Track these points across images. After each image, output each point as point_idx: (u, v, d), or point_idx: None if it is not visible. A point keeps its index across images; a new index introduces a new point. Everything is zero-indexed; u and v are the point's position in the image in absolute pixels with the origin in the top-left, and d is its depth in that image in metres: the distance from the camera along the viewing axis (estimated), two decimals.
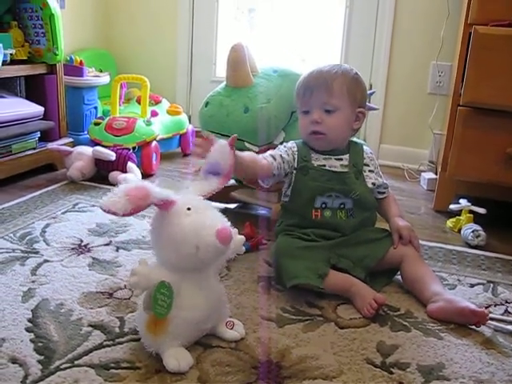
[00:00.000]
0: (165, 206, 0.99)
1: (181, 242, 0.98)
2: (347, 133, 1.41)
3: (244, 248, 1.13)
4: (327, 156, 1.40)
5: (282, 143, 1.62)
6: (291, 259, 1.29)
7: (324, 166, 1.39)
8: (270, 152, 1.40)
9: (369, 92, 2.01)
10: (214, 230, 0.97)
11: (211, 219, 1.00)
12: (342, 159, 1.40)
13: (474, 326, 1.20)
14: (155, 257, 1.05)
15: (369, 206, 1.42)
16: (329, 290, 1.28)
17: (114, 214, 0.93)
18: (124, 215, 0.94)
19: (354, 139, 1.49)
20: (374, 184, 1.42)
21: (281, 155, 1.38)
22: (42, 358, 1.02)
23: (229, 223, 1.03)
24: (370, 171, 1.43)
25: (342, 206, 1.38)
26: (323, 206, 1.37)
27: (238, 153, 1.23)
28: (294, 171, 1.39)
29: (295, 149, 1.40)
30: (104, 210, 0.93)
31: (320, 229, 1.37)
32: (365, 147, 1.47)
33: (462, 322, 1.20)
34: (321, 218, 1.37)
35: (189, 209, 1.00)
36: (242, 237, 1.12)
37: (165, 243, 1.01)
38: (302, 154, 1.40)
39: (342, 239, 1.37)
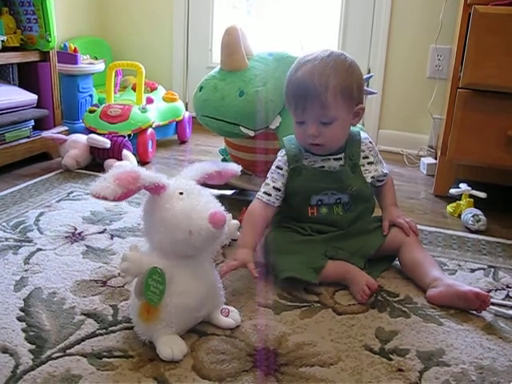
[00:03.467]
0: (156, 189, 0.97)
1: (173, 226, 0.96)
2: (346, 134, 1.34)
3: (238, 233, 1.11)
4: (325, 157, 1.34)
5: (277, 128, 1.60)
6: (284, 254, 1.27)
7: (323, 167, 1.33)
8: (263, 188, 1.35)
9: (367, 76, 1.98)
10: (207, 214, 0.95)
11: (204, 203, 0.98)
12: (340, 158, 1.34)
13: (474, 312, 1.18)
14: (147, 243, 1.03)
15: (366, 198, 1.38)
16: (326, 280, 1.26)
17: (105, 198, 0.91)
18: (115, 200, 0.92)
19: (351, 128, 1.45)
20: (373, 177, 1.38)
21: (274, 187, 1.34)
22: (34, 347, 1.00)
23: (222, 207, 1.00)
24: (369, 163, 1.38)
25: (339, 201, 1.34)
26: (319, 203, 1.34)
27: (250, 240, 1.26)
28: (288, 171, 1.34)
29: (285, 160, 1.34)
30: (94, 196, 0.91)
31: (317, 224, 1.34)
32: (362, 135, 1.39)
33: (463, 307, 1.18)
34: (317, 215, 1.34)
35: (181, 193, 0.98)
36: (237, 222, 1.10)
37: (157, 228, 0.98)
38: (291, 156, 1.34)
39: (339, 233, 1.34)
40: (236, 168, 1.21)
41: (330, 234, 1.33)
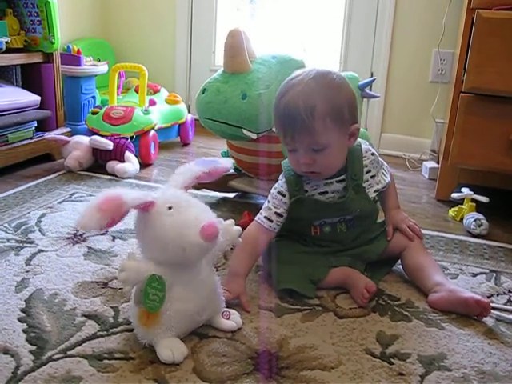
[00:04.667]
0: (144, 208, 0.97)
1: (166, 244, 0.95)
2: (344, 156, 1.27)
3: (240, 239, 1.10)
4: (328, 180, 1.28)
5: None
6: (285, 265, 1.26)
7: (326, 192, 1.28)
8: (264, 213, 1.29)
9: (370, 79, 1.98)
10: (198, 229, 0.94)
11: (194, 216, 0.96)
12: (343, 180, 1.28)
13: (476, 317, 1.17)
14: (143, 256, 1.02)
15: (369, 214, 1.34)
16: (327, 286, 1.26)
17: (90, 229, 0.91)
18: (101, 229, 0.92)
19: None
20: (377, 190, 1.34)
21: (275, 213, 1.27)
22: (35, 348, 1.00)
23: (214, 216, 1.00)
24: (372, 177, 1.33)
25: (342, 219, 1.31)
26: (322, 223, 1.31)
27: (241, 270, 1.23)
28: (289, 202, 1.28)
29: (286, 188, 1.28)
30: (79, 228, 0.91)
31: (320, 241, 1.33)
32: (363, 147, 1.32)
33: (464, 313, 1.18)
34: (320, 234, 1.32)
35: (170, 208, 0.97)
36: (239, 228, 1.09)
37: (150, 245, 0.98)
38: (292, 187, 1.28)
39: (343, 247, 1.33)
40: (226, 163, 1.15)
41: (333, 248, 1.33)
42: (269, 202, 1.31)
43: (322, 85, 1.18)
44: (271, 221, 1.28)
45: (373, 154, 1.33)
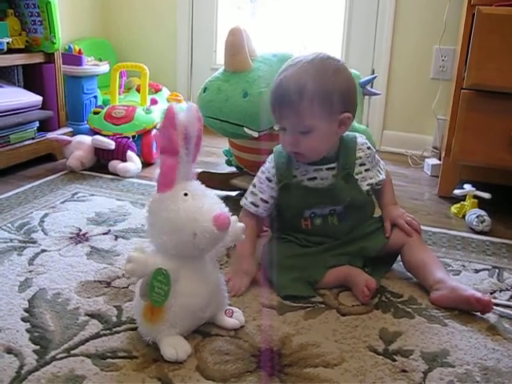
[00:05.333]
0: (166, 184, 0.98)
1: (178, 228, 0.96)
2: (332, 143, 1.27)
3: (243, 236, 1.11)
4: (317, 167, 1.29)
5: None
6: (282, 270, 1.25)
7: (315, 178, 1.29)
8: (249, 198, 1.33)
9: (371, 76, 1.98)
10: (211, 216, 0.95)
11: (209, 205, 0.98)
12: (334, 168, 1.29)
13: (478, 313, 1.17)
14: (151, 245, 1.03)
15: (362, 206, 1.33)
16: (327, 286, 1.26)
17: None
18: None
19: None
20: (370, 184, 1.33)
21: (261, 198, 1.31)
22: (38, 347, 1.00)
23: (227, 209, 1.00)
24: (366, 170, 1.32)
25: (333, 211, 1.30)
26: (312, 215, 1.30)
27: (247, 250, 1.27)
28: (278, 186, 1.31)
29: (274, 173, 1.30)
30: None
31: (312, 236, 1.32)
32: (359, 141, 1.32)
33: (467, 309, 1.18)
34: (311, 227, 1.31)
35: (186, 194, 0.98)
36: (242, 224, 1.09)
37: (161, 229, 0.98)
38: (281, 173, 1.30)
39: (338, 242, 1.32)
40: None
41: (327, 245, 1.31)
42: (255, 186, 1.34)
43: (317, 68, 1.20)
44: (257, 206, 1.32)
45: (369, 148, 1.33)
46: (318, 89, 1.18)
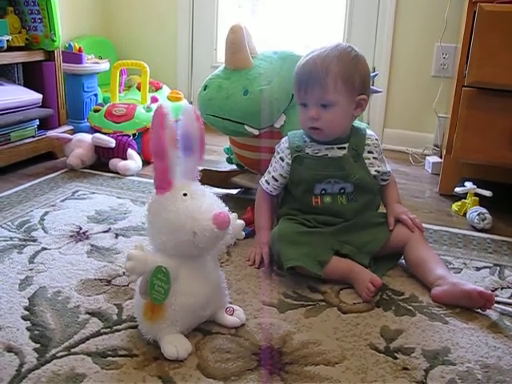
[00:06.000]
0: (163, 187, 0.98)
1: (177, 227, 0.95)
2: (348, 123, 1.37)
3: (244, 233, 1.11)
4: (329, 146, 1.36)
5: (282, 127, 1.59)
6: (290, 244, 1.27)
7: (326, 155, 1.36)
8: (265, 176, 1.44)
9: (372, 74, 1.97)
10: (211, 215, 0.95)
11: (208, 204, 0.97)
12: (344, 148, 1.37)
13: (479, 310, 1.17)
14: (151, 244, 1.02)
15: (370, 189, 1.38)
16: (329, 277, 1.27)
17: None
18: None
19: (358, 123, 1.45)
20: (378, 171, 1.39)
21: (273, 177, 1.41)
22: (38, 346, 1.00)
23: (226, 208, 1.00)
24: (374, 158, 1.39)
25: (343, 190, 1.35)
26: (323, 192, 1.35)
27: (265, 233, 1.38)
28: (291, 162, 1.38)
29: (288, 153, 1.39)
30: None
31: (321, 215, 1.35)
32: (369, 132, 1.42)
33: (468, 306, 1.18)
34: (321, 205, 1.35)
35: (185, 194, 0.98)
36: (242, 222, 1.10)
37: (161, 229, 0.98)
38: (293, 146, 1.38)
39: (345, 225, 1.35)
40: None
41: (336, 227, 1.34)
42: (271, 165, 1.44)
43: (341, 52, 1.32)
44: (268, 183, 1.43)
45: (377, 140, 1.41)
46: (342, 68, 1.29)
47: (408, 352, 1.03)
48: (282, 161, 1.40)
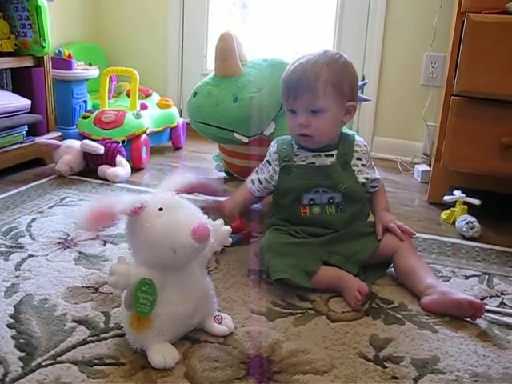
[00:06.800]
0: (135, 212, 0.95)
1: (156, 246, 0.94)
2: (337, 130, 1.37)
3: (230, 239, 1.10)
4: (317, 153, 1.36)
5: (272, 134, 1.59)
6: (277, 255, 1.26)
7: (313, 163, 1.35)
8: (252, 175, 1.44)
9: (361, 83, 1.98)
10: (190, 229, 0.93)
11: (185, 217, 0.96)
12: (332, 155, 1.36)
13: (469, 319, 1.17)
14: (133, 258, 1.01)
15: (359, 199, 1.38)
16: (319, 286, 1.26)
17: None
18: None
19: (346, 130, 1.45)
20: (367, 179, 1.38)
21: (258, 179, 1.42)
22: (23, 354, 0.98)
23: (205, 218, 0.99)
24: (362, 165, 1.38)
25: (331, 200, 1.34)
26: (311, 202, 1.34)
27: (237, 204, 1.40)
28: (278, 171, 1.37)
29: (275, 158, 1.39)
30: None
31: (310, 226, 1.34)
32: (357, 138, 1.41)
33: (457, 315, 1.18)
34: (310, 215, 1.34)
35: (161, 209, 0.96)
36: (228, 228, 1.09)
37: (141, 247, 0.97)
38: (282, 156, 1.37)
39: (333, 236, 1.34)
40: (218, 185, 1.20)
41: (324, 238, 1.33)
42: (259, 167, 1.45)
43: (330, 58, 1.32)
44: (253, 183, 1.43)
45: (365, 146, 1.41)
46: (331, 74, 1.30)
47: (397, 361, 1.03)
48: (269, 165, 1.40)
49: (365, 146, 1.41)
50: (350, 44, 2.66)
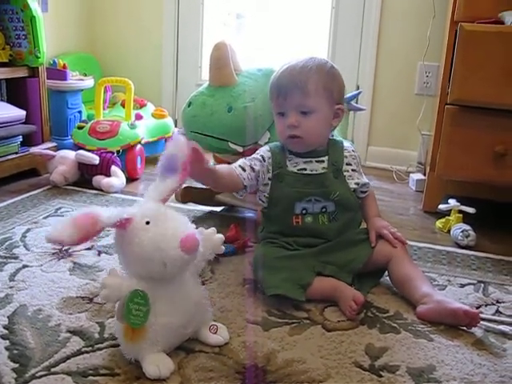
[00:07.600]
0: (121, 225, 0.95)
1: (146, 260, 0.94)
2: (326, 132, 1.37)
3: (223, 248, 1.09)
4: (308, 159, 1.35)
5: (266, 144, 1.59)
6: (271, 270, 1.25)
7: (305, 169, 1.34)
8: (240, 162, 1.34)
9: (355, 92, 1.99)
10: (178, 242, 0.93)
11: (172, 230, 0.95)
12: (323, 161, 1.35)
13: (464, 327, 1.17)
14: (125, 271, 1.01)
15: (351, 207, 1.37)
16: (314, 297, 1.25)
17: (61, 242, 0.89)
18: (72, 244, 0.90)
19: (334, 137, 1.45)
20: (357, 184, 1.38)
21: (250, 165, 1.33)
22: (17, 365, 0.98)
23: (193, 227, 0.99)
24: (353, 170, 1.38)
25: (324, 209, 1.33)
26: (303, 211, 1.33)
27: (211, 166, 1.21)
28: (270, 179, 1.34)
29: (269, 156, 1.35)
30: (49, 241, 0.89)
31: (302, 237, 1.33)
32: (345, 144, 1.41)
33: (453, 324, 1.17)
34: (302, 225, 1.33)
35: (147, 222, 0.95)
36: (221, 236, 1.08)
37: (131, 261, 0.97)
38: (276, 161, 1.35)
39: (326, 245, 1.33)
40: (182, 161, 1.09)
41: (317, 248, 1.32)
42: (247, 159, 1.35)
43: (318, 63, 1.34)
44: (244, 170, 1.31)
45: (354, 151, 1.42)
46: (321, 76, 1.31)
47: (393, 370, 1.02)
48: (264, 160, 1.34)
49: (353, 150, 1.41)
50: (345, 54, 2.67)
